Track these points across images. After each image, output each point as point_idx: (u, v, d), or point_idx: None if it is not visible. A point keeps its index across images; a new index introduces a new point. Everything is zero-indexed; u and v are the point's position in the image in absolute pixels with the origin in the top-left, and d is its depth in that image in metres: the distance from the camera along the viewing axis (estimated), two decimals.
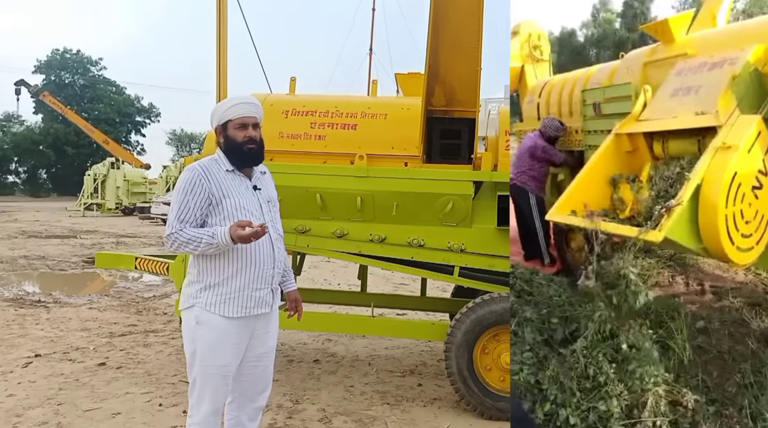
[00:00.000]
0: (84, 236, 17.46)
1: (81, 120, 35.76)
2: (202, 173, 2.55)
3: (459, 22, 4.05)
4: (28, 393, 4.24)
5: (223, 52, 4.52)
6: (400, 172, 4.21)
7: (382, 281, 9.25)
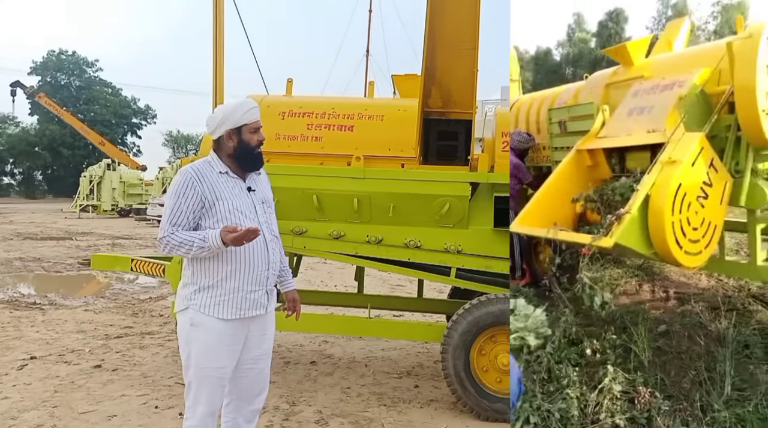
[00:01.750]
0: (80, 237, 17.41)
1: (77, 121, 35.71)
2: (195, 176, 2.54)
3: (455, 24, 4.06)
4: (23, 395, 4.22)
5: (219, 53, 4.51)
6: (396, 173, 4.21)
7: (378, 283, 9.24)
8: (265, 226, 2.63)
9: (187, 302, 2.56)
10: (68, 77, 57.93)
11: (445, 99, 4.31)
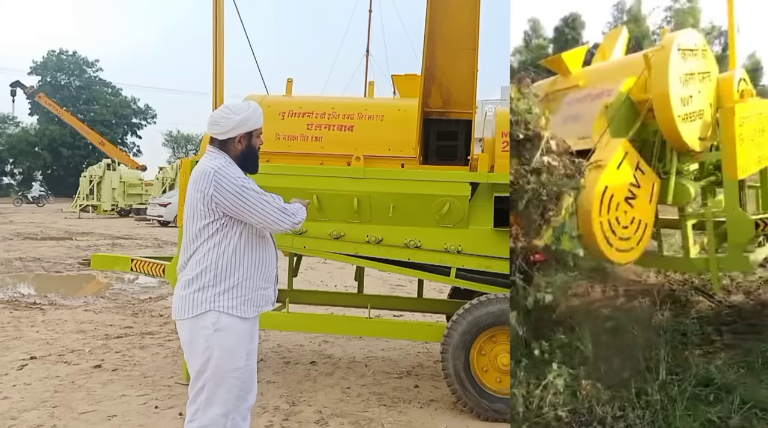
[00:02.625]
0: (80, 237, 17.41)
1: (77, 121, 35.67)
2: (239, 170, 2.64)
3: (455, 24, 4.06)
4: (23, 395, 4.22)
5: (219, 53, 4.51)
6: (396, 173, 4.21)
7: (378, 283, 9.24)
8: None
9: (210, 304, 2.54)
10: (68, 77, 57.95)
11: (445, 99, 4.31)
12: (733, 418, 2.80)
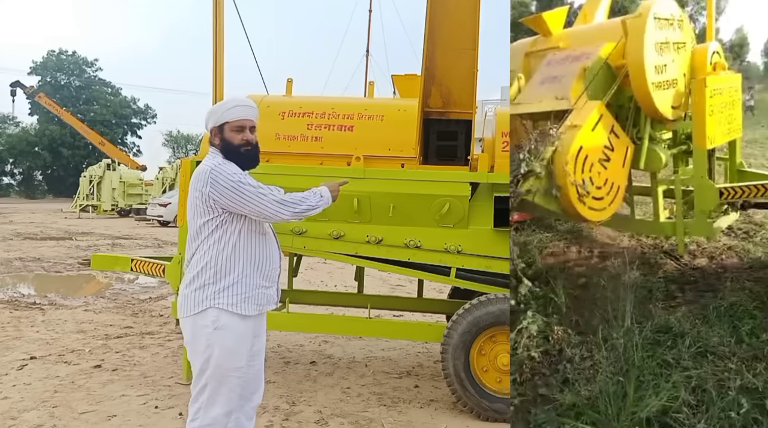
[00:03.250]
0: (80, 237, 17.41)
1: (77, 121, 35.67)
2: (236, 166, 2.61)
3: (455, 24, 4.06)
4: (23, 395, 4.22)
5: (219, 53, 4.51)
6: (396, 173, 4.21)
7: (378, 283, 9.24)
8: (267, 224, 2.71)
9: (210, 302, 2.54)
10: (68, 77, 57.93)
11: (445, 99, 4.31)
12: (685, 359, 3.18)
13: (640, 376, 3.04)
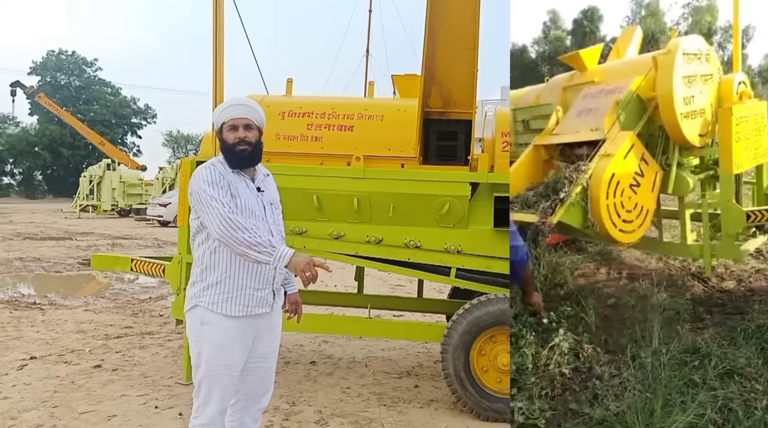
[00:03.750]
0: (79, 237, 17.41)
1: (76, 121, 35.68)
2: (221, 167, 2.57)
3: (455, 24, 4.06)
4: (23, 395, 4.22)
5: (219, 53, 4.51)
6: (396, 173, 4.21)
7: (378, 283, 9.25)
8: (273, 226, 2.66)
9: (196, 299, 2.56)
10: (68, 77, 57.92)
11: (445, 99, 4.31)
12: (712, 379, 3.28)
13: (667, 394, 3.11)
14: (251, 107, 2.66)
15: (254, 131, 2.64)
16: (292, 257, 2.39)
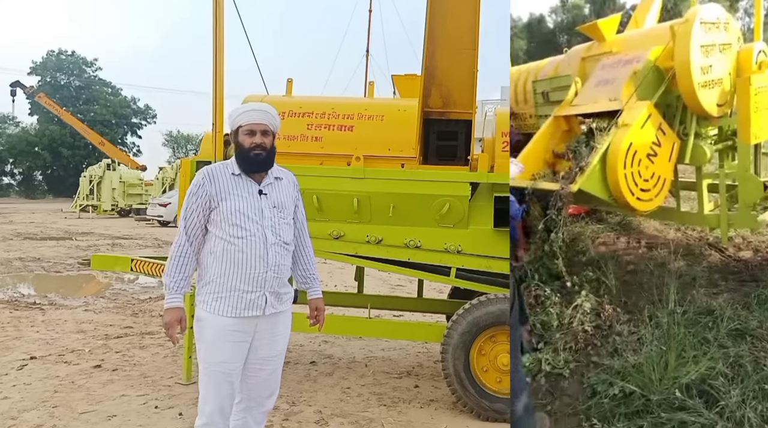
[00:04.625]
0: (79, 237, 17.41)
1: (76, 121, 35.69)
2: (207, 176, 2.64)
3: (455, 24, 4.06)
4: (23, 395, 4.22)
5: (219, 53, 4.51)
6: (396, 173, 4.21)
7: (378, 283, 9.24)
8: (270, 230, 2.61)
9: (195, 298, 2.67)
10: (68, 77, 57.92)
11: (445, 99, 4.31)
12: (723, 337, 3.47)
13: (681, 349, 3.34)
14: (270, 113, 2.70)
15: (270, 137, 2.68)
16: (165, 309, 2.62)
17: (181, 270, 2.60)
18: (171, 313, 2.59)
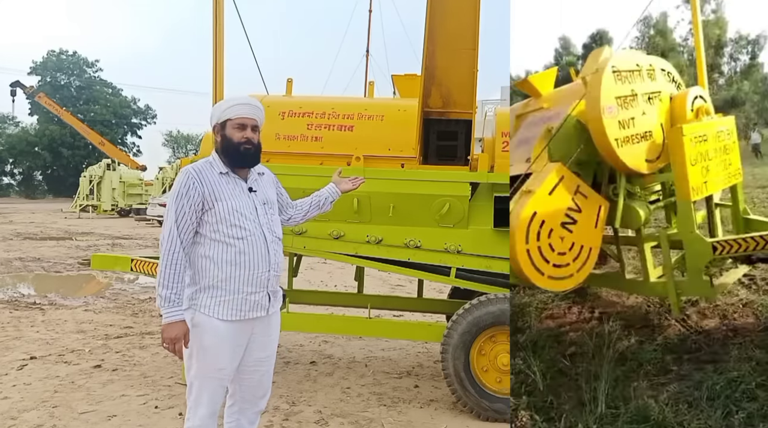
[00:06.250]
0: (79, 237, 17.41)
1: (77, 121, 35.69)
2: (196, 176, 2.51)
3: (455, 24, 4.06)
4: (23, 395, 4.22)
5: (219, 53, 4.51)
6: (396, 173, 4.21)
7: (378, 283, 9.25)
8: (266, 227, 2.60)
9: (189, 302, 2.54)
10: (68, 77, 57.95)
11: (445, 99, 4.31)
12: None
13: None
14: (260, 108, 2.66)
15: (258, 133, 2.64)
16: (166, 324, 2.42)
17: (179, 280, 2.44)
18: (175, 328, 2.42)
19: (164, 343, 2.44)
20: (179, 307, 2.44)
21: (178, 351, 2.45)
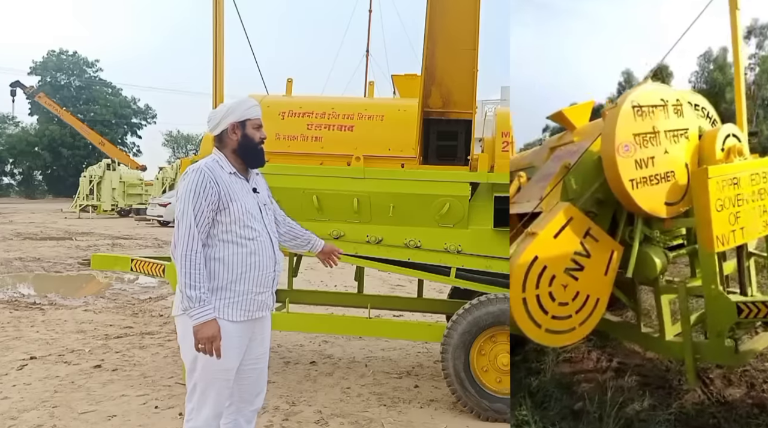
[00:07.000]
0: (79, 237, 17.41)
1: (77, 121, 35.72)
2: (211, 175, 2.48)
3: (455, 24, 4.06)
4: (23, 395, 4.22)
5: (219, 53, 4.51)
6: (396, 173, 4.21)
7: (378, 283, 9.25)
8: (269, 227, 2.65)
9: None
10: (68, 77, 57.99)
11: (445, 99, 4.30)
12: None
13: None
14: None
15: None
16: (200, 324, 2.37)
17: (204, 279, 2.41)
18: (210, 327, 2.38)
19: (200, 344, 2.39)
20: (210, 306, 2.42)
21: (216, 350, 2.40)
